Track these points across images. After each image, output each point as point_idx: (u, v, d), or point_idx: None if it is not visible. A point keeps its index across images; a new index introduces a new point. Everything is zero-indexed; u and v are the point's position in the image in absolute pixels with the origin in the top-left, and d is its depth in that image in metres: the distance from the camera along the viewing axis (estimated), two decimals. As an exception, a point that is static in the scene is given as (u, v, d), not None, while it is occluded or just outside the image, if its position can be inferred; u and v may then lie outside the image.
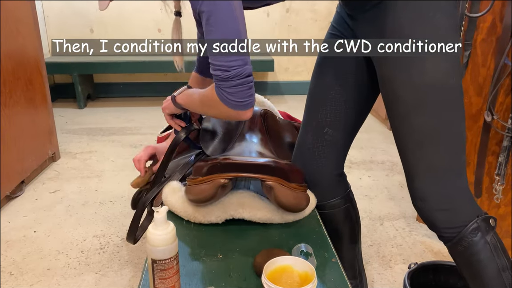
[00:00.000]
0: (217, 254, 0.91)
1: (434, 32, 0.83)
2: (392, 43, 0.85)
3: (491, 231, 0.88)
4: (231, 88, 0.84)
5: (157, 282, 0.73)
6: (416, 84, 0.84)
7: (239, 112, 0.87)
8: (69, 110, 3.44)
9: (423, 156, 0.88)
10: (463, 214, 0.89)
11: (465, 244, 0.88)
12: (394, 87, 0.87)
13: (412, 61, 0.84)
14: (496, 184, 1.44)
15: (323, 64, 1.08)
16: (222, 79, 0.84)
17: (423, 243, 1.66)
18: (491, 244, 0.87)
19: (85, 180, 2.20)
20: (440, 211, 0.89)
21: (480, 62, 1.42)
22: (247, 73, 0.85)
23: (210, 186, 0.95)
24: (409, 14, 0.83)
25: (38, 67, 2.22)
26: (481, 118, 1.47)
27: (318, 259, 0.88)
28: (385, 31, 0.86)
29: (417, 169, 0.89)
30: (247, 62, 0.85)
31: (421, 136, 0.87)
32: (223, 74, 0.83)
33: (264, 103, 1.37)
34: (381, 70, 0.90)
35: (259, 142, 1.13)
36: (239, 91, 0.85)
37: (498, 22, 1.35)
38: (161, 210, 0.73)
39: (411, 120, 0.87)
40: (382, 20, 0.86)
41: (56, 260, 1.55)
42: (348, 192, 1.19)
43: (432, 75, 0.84)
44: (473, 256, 0.88)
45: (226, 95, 0.85)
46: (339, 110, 1.07)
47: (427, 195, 0.89)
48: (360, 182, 2.18)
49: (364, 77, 1.03)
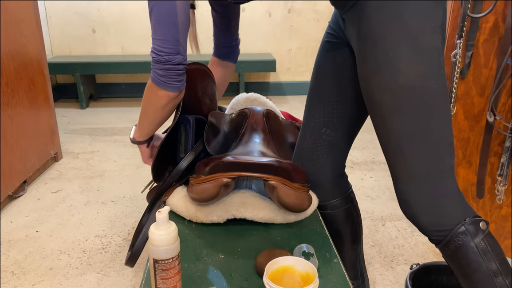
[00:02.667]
0: (219, 254, 0.91)
1: (406, 32, 0.80)
2: (365, 44, 0.84)
3: (481, 234, 0.85)
4: (161, 71, 0.95)
5: (159, 282, 0.73)
6: (391, 87, 0.82)
7: (168, 93, 0.98)
8: (71, 110, 3.45)
9: (403, 159, 0.86)
10: (449, 217, 0.86)
11: (453, 247, 0.86)
12: (370, 89, 0.86)
13: (385, 63, 0.82)
14: (499, 184, 1.44)
15: (321, 64, 1.08)
16: (155, 61, 0.95)
17: (425, 244, 1.65)
18: (480, 247, 0.84)
19: (87, 180, 2.20)
20: (424, 214, 0.87)
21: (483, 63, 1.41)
22: (177, 62, 0.94)
23: (213, 185, 0.95)
24: (381, 15, 0.81)
25: (41, 67, 2.23)
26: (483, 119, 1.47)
27: (319, 259, 0.88)
28: (360, 31, 0.85)
29: (399, 172, 0.87)
30: (180, 52, 0.94)
31: (399, 140, 0.85)
32: (156, 57, 0.94)
33: (266, 103, 1.37)
34: (359, 71, 0.89)
35: (262, 142, 1.13)
36: (168, 74, 0.95)
37: (500, 22, 1.35)
38: (163, 210, 0.73)
39: (388, 124, 0.85)
40: (357, 20, 0.85)
41: (58, 259, 1.55)
42: (349, 193, 1.19)
43: (405, 77, 0.81)
44: (462, 259, 0.86)
45: (157, 76, 0.96)
46: (338, 111, 1.07)
47: (411, 199, 0.88)
48: (362, 183, 2.18)
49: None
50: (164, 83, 0.96)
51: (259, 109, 1.25)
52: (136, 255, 1.00)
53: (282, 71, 3.90)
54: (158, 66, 0.95)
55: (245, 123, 1.21)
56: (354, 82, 1.04)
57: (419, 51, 0.81)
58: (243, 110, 1.24)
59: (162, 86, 0.97)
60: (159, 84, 0.97)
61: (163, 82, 0.96)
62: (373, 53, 0.83)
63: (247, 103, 1.36)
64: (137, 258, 1.01)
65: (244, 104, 1.36)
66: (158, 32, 0.92)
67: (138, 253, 1.00)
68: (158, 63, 0.94)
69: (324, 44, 1.07)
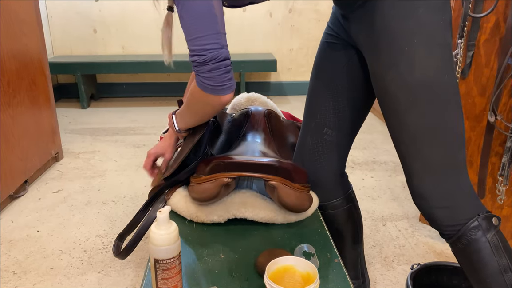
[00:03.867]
0: (220, 254, 0.91)
1: (420, 28, 0.82)
2: (379, 41, 0.85)
3: (493, 230, 0.87)
4: (207, 73, 0.84)
5: (160, 282, 0.73)
6: (407, 81, 0.84)
7: (220, 97, 0.87)
8: (72, 110, 3.46)
9: (419, 153, 0.87)
10: (464, 212, 0.88)
11: (465, 242, 0.87)
12: (386, 84, 0.87)
13: (401, 58, 0.83)
14: (500, 184, 1.44)
15: (320, 65, 1.08)
16: (199, 64, 0.84)
17: (425, 244, 1.65)
18: (492, 243, 0.86)
19: (88, 179, 2.21)
20: (439, 208, 0.88)
21: (484, 63, 1.41)
22: (223, 57, 0.84)
23: (214, 185, 0.95)
24: (395, 11, 0.83)
25: (42, 67, 2.23)
26: (484, 119, 1.47)
27: (320, 259, 0.88)
28: (373, 28, 0.86)
29: (414, 166, 0.88)
30: (223, 46, 0.84)
31: (415, 134, 0.86)
32: (199, 58, 0.83)
33: (267, 103, 1.37)
34: (372, 67, 0.90)
35: (263, 142, 1.13)
36: (216, 75, 0.84)
37: (501, 22, 1.35)
38: (164, 209, 0.73)
39: (404, 118, 0.86)
40: (370, 18, 0.86)
41: (59, 259, 1.55)
42: (349, 193, 1.19)
43: (421, 71, 0.83)
44: (473, 254, 0.87)
45: (204, 81, 0.85)
46: (338, 110, 1.07)
47: (426, 193, 0.89)
48: (363, 183, 2.17)
49: (360, 76, 1.04)
50: (213, 87, 0.85)
51: (260, 109, 1.25)
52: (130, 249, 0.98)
53: (283, 71, 3.90)
54: (203, 69, 0.84)
55: (246, 123, 1.21)
56: (355, 82, 1.04)
57: (433, 45, 0.82)
58: (244, 110, 1.24)
59: (212, 92, 0.86)
60: (208, 90, 0.86)
61: (211, 87, 0.85)
62: (388, 49, 0.84)
63: (248, 103, 1.37)
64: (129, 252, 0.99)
65: (245, 104, 1.36)
66: (197, 29, 0.82)
67: (132, 247, 0.99)
68: (203, 64, 0.84)
69: (323, 45, 1.08)
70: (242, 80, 3.62)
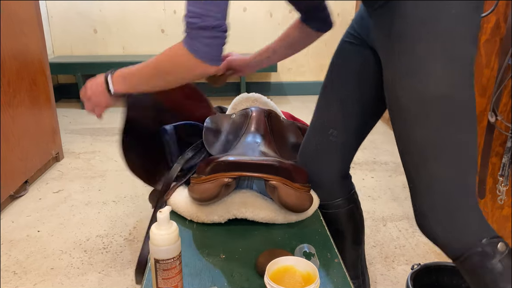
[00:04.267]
0: (220, 254, 0.91)
1: (444, 35, 0.76)
2: (397, 44, 0.80)
3: (498, 256, 0.81)
4: (207, 39, 0.79)
5: (160, 282, 0.74)
6: (420, 92, 0.78)
7: (208, 66, 0.83)
8: (72, 111, 3.46)
9: (426, 170, 0.82)
10: (467, 236, 0.83)
11: (467, 267, 0.83)
12: (397, 92, 0.82)
13: (418, 66, 0.78)
14: (500, 185, 1.44)
15: (335, 63, 1.07)
16: (200, 28, 0.78)
17: (426, 244, 1.65)
18: (496, 269, 0.80)
19: (88, 179, 2.21)
20: (441, 229, 0.84)
21: (484, 63, 1.41)
22: (225, 29, 0.80)
23: (214, 185, 0.95)
24: (417, 14, 0.77)
25: (42, 67, 2.23)
26: (484, 119, 1.47)
27: (320, 259, 0.88)
28: (391, 31, 0.82)
29: (419, 182, 0.84)
30: (225, 18, 0.80)
31: (424, 150, 0.81)
32: (200, 21, 0.78)
33: (267, 103, 1.37)
34: (385, 72, 0.85)
35: (263, 142, 1.13)
36: (215, 44, 0.80)
37: (502, 22, 1.35)
38: (164, 209, 0.73)
39: (413, 131, 0.81)
40: (389, 20, 0.82)
41: (60, 259, 1.56)
42: (352, 193, 1.19)
43: (436, 84, 0.77)
44: (476, 278, 0.83)
45: (200, 46, 0.80)
46: (346, 112, 1.06)
47: (428, 212, 0.84)
48: (363, 183, 2.17)
49: (373, 80, 1.01)
50: (207, 54, 0.81)
51: (261, 109, 1.25)
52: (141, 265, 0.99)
53: (283, 72, 3.90)
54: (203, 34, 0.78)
55: (246, 123, 1.21)
56: (368, 85, 1.02)
57: (455, 57, 0.77)
58: (245, 111, 1.24)
59: (203, 59, 0.81)
60: (201, 56, 0.81)
61: (206, 54, 0.81)
62: (405, 54, 0.79)
63: (248, 103, 1.37)
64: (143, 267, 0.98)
65: (246, 104, 1.37)
66: None
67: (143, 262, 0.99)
68: (204, 29, 0.78)
69: (342, 43, 1.05)
70: (242, 80, 3.62)
